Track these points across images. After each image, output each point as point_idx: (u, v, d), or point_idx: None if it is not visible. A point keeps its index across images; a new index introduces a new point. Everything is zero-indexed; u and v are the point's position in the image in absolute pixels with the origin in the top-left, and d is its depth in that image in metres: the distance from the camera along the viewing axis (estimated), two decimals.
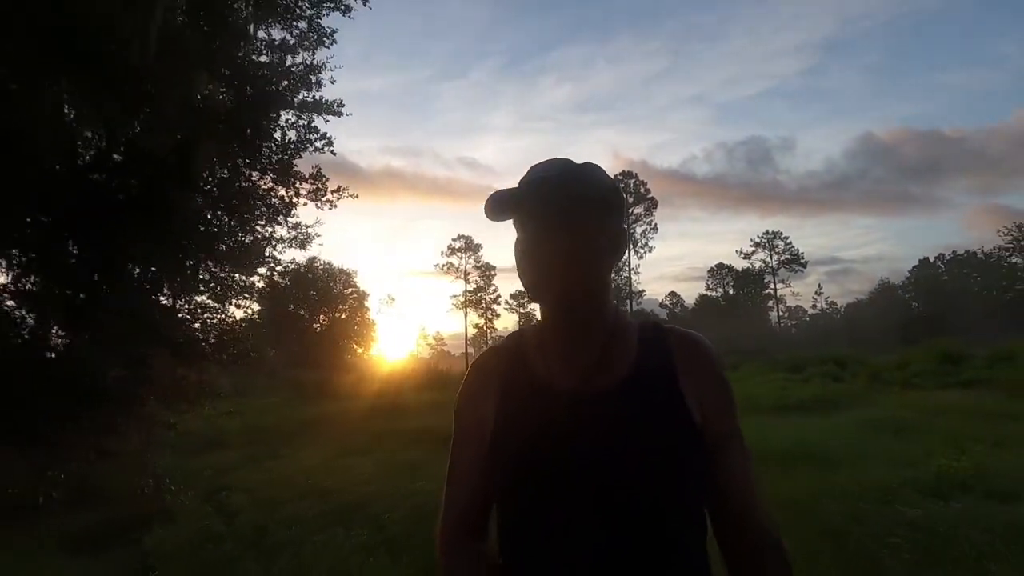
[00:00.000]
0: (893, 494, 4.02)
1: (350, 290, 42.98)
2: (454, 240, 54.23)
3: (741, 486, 0.86)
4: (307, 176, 7.10)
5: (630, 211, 51.25)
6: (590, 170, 0.90)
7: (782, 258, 65.90)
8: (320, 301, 41.01)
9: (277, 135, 6.62)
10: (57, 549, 3.76)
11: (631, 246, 52.77)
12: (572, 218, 0.85)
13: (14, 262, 6.05)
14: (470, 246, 54.45)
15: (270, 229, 7.82)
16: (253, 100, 6.19)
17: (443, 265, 54.91)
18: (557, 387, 0.86)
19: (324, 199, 7.22)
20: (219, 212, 7.07)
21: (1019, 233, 51.44)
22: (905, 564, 3.06)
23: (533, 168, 0.89)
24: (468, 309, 56.01)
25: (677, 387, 0.85)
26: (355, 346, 44.11)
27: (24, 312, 6.20)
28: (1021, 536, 3.05)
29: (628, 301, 56.93)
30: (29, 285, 6.24)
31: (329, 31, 7.71)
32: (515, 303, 55.80)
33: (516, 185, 0.88)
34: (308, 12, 7.61)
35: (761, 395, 12.50)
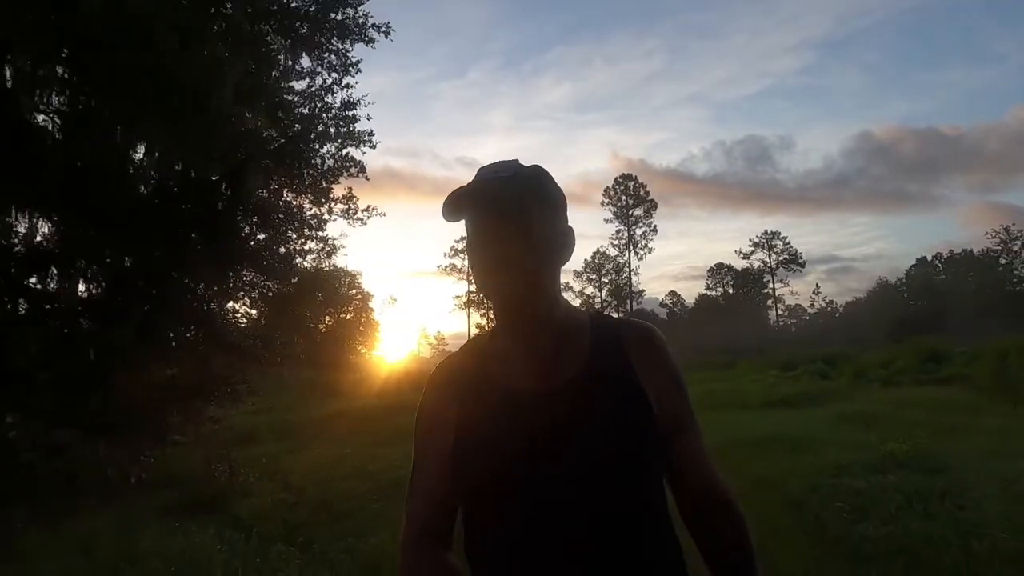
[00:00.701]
0: (844, 471, 4.89)
1: (355, 291, 43.88)
2: (456, 241, 55.07)
3: (697, 461, 0.92)
4: (340, 197, 8.00)
5: (630, 213, 52.01)
6: (536, 172, 0.91)
7: (780, 258, 66.69)
8: (325, 302, 41.87)
9: (317, 162, 7.50)
10: (161, 516, 4.63)
11: (631, 247, 53.54)
12: (516, 218, 0.85)
13: (90, 277, 6.92)
14: None
15: (302, 242, 8.73)
16: (297, 135, 7.07)
17: (446, 267, 55.80)
18: (516, 388, 0.87)
19: (355, 217, 8.12)
20: (260, 229, 7.94)
21: (1007, 236, 52.37)
22: (843, 521, 3.91)
23: (481, 169, 0.90)
24: (470, 309, 56.91)
25: (633, 378, 0.88)
26: (359, 346, 44.98)
27: (99, 327, 7.08)
28: (929, 496, 3.93)
29: (628, 301, 57.73)
30: (96, 295, 7.12)
31: (355, 61, 8.60)
32: None
33: (465, 185, 0.89)
34: (336, 46, 8.49)
35: (752, 392, 13.35)
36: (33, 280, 6.08)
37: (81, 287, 6.92)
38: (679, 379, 0.93)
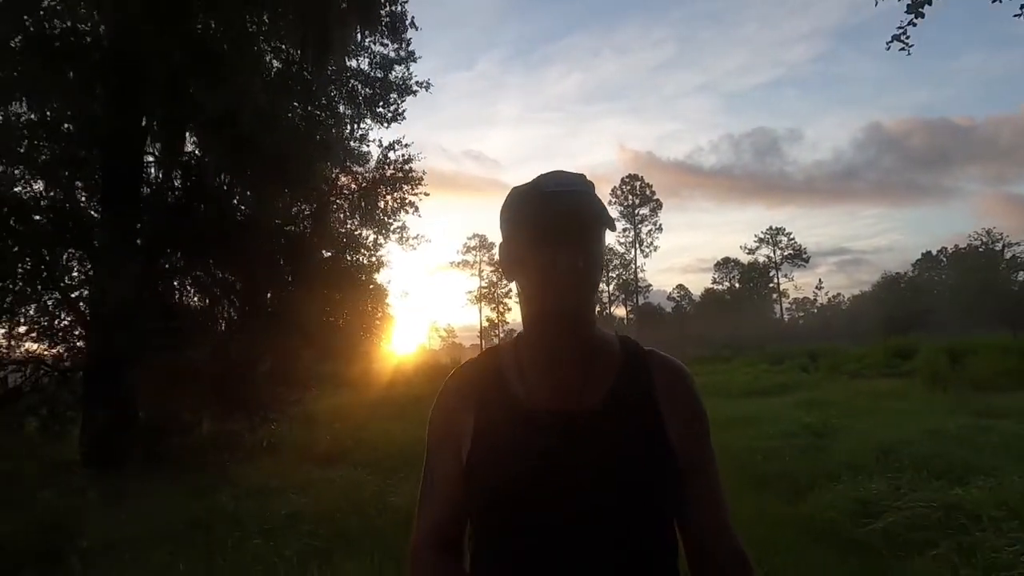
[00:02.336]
0: (771, 437, 6.95)
1: (372, 286, 46.04)
2: (469, 239, 57.19)
3: (713, 508, 0.89)
4: (395, 228, 10.15)
5: (636, 212, 53.78)
6: (592, 188, 0.89)
7: (785, 253, 68.16)
8: (363, 303, 44.28)
9: (381, 204, 9.63)
10: (305, 463, 6.73)
11: (637, 245, 55.38)
12: (595, 234, 0.86)
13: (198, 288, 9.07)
14: (484, 244, 57.58)
15: (360, 259, 10.85)
16: (368, 184, 9.18)
17: (458, 262, 58.01)
18: (536, 407, 0.87)
19: (407, 243, 10.25)
20: (335, 251, 10.08)
21: (988, 238, 53.84)
22: (758, 463, 5.97)
23: (548, 177, 0.89)
24: (482, 303, 59.17)
25: (657, 412, 0.87)
26: (375, 339, 47.13)
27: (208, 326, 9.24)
28: (811, 450, 6.01)
29: (635, 296, 59.57)
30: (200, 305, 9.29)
31: (402, 111, 10.68)
32: None
33: (531, 189, 0.88)
34: (389, 100, 10.56)
35: (738, 383, 15.39)
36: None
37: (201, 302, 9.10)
38: (704, 420, 0.92)
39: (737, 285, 71.48)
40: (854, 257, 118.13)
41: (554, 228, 0.83)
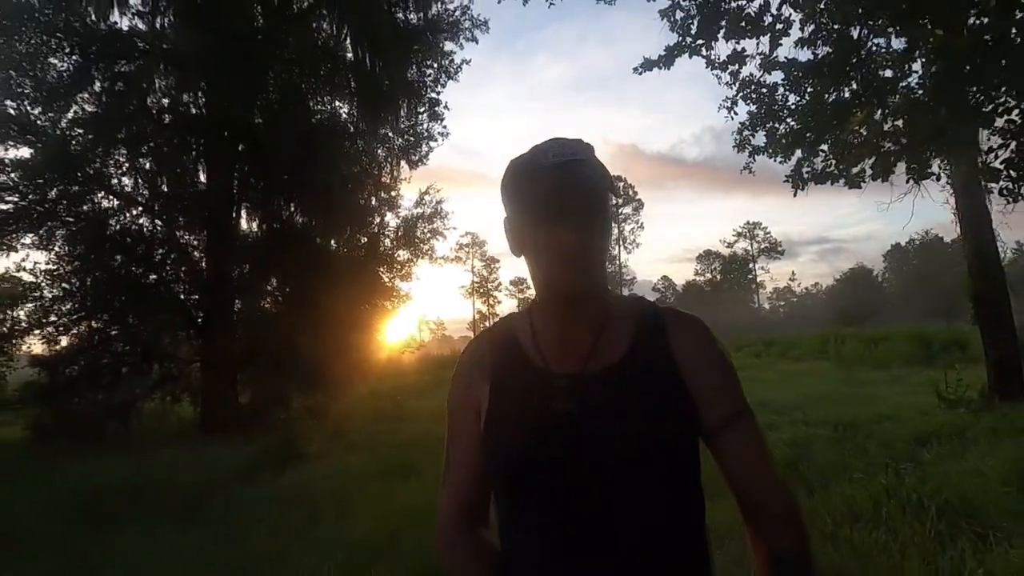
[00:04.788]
0: None
1: (398, 294, 49.05)
2: (462, 237, 60.17)
3: (754, 461, 0.86)
4: (426, 250, 13.21)
5: (619, 212, 57.11)
6: (591, 151, 0.86)
7: (762, 246, 71.84)
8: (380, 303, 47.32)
9: (418, 232, 12.70)
10: (372, 423, 9.75)
11: (621, 243, 58.74)
12: (604, 202, 0.85)
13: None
14: (476, 242, 60.74)
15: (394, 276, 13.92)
16: (409, 220, 12.29)
17: (452, 258, 61.05)
18: (552, 370, 0.87)
19: (437, 260, 13.32)
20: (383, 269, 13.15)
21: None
22: None
23: (550, 144, 0.85)
24: (474, 297, 62.36)
25: (675, 368, 0.86)
26: (399, 335, 50.28)
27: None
28: None
29: (620, 289, 63.03)
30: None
31: (425, 153, 13.69)
32: (514, 289, 62.24)
33: (529, 162, 0.86)
34: (420, 148, 13.58)
35: None
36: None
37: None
38: (728, 372, 0.89)
39: (719, 276, 74.96)
40: (834, 246, 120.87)
41: (558, 205, 0.82)
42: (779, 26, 5.03)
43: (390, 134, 12.16)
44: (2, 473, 7.39)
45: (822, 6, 4.73)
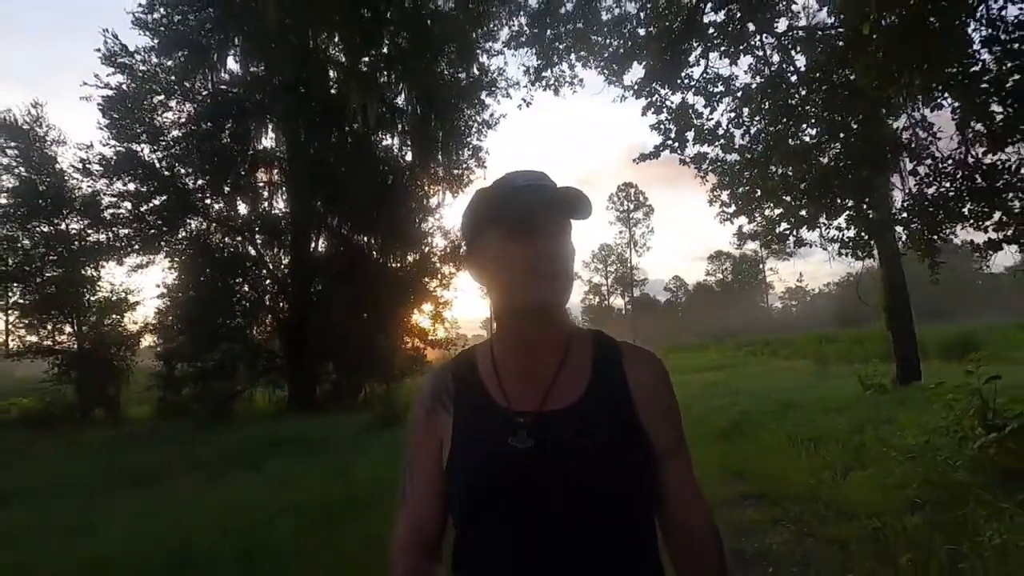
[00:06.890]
0: (691, 390, 12.69)
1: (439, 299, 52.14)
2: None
3: (689, 488, 0.94)
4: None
5: (631, 217, 59.48)
6: (554, 184, 0.92)
7: (772, 247, 73.07)
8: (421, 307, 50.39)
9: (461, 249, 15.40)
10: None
11: (632, 246, 61.10)
12: (566, 228, 0.91)
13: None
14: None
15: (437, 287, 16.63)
16: (456, 242, 15.06)
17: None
18: (513, 408, 0.90)
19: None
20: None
21: None
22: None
23: (515, 175, 0.93)
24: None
25: (631, 405, 0.90)
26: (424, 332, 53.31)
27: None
28: (708, 397, 11.76)
29: (632, 289, 65.23)
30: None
31: (466, 184, 16.38)
32: None
33: (500, 186, 0.92)
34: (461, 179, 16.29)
35: (698, 363, 21.02)
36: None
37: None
38: (675, 407, 0.95)
39: (729, 277, 76.34)
40: None
41: (529, 220, 0.87)
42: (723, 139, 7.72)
43: (440, 173, 14.89)
44: (174, 439, 10.14)
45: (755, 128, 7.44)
